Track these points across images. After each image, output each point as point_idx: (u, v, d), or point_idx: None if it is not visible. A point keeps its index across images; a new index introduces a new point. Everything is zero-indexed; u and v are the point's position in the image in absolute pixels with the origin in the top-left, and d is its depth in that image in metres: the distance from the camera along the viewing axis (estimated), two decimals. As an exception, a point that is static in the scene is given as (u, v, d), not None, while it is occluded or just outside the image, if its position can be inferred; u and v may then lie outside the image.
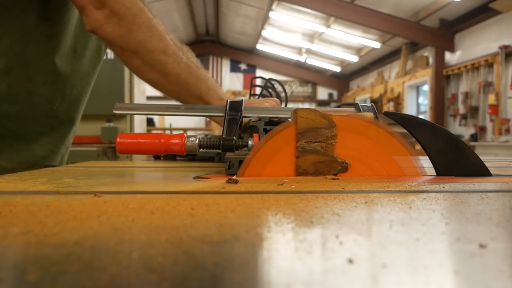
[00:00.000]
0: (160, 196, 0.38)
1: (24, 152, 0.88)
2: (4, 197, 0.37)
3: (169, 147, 0.63)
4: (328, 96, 12.63)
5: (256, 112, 0.72)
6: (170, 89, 0.83)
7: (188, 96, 0.83)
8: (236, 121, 0.68)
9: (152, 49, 0.78)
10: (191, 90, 0.82)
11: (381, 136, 0.56)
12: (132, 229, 0.25)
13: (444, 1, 6.57)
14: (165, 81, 0.81)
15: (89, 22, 0.76)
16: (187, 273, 0.17)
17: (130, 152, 0.64)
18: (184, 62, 0.82)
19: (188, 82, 0.82)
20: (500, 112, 6.05)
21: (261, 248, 0.22)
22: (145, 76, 0.82)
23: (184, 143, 0.63)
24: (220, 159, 0.92)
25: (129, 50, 0.78)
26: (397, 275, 0.18)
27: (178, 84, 0.82)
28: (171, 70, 0.80)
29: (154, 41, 0.78)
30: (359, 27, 8.15)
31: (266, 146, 0.56)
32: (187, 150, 0.64)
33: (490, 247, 0.21)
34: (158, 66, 0.80)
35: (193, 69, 0.83)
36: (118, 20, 0.76)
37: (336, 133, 0.57)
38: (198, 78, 0.83)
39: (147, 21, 0.78)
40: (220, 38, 11.61)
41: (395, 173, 0.56)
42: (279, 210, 0.31)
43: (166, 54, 0.79)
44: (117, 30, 0.76)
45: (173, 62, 0.80)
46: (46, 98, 0.88)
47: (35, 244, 0.22)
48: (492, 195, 0.39)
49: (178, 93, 0.84)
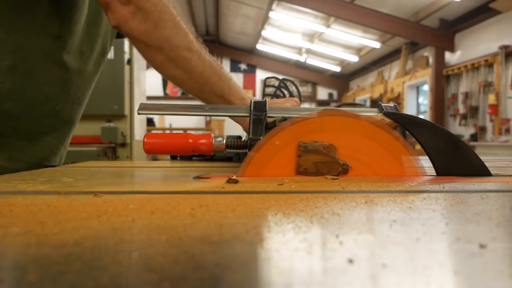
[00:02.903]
0: (160, 196, 0.38)
1: (25, 152, 0.88)
2: (4, 197, 0.37)
3: (197, 147, 0.64)
4: (328, 96, 12.63)
5: (280, 112, 0.72)
6: (192, 86, 0.83)
7: (211, 94, 0.83)
8: (261, 121, 0.68)
9: (177, 45, 0.78)
10: (214, 89, 0.82)
11: (381, 136, 0.56)
12: (132, 229, 0.25)
13: (444, 1, 6.57)
14: (188, 78, 0.81)
15: (115, 18, 0.76)
16: (187, 273, 0.17)
17: (157, 152, 0.64)
18: (207, 60, 0.82)
19: (211, 80, 0.82)
20: (500, 112, 6.05)
21: (261, 248, 0.22)
22: (169, 73, 0.82)
23: (212, 143, 0.64)
24: (239, 159, 0.92)
25: (153, 46, 0.78)
26: (397, 275, 0.18)
27: (201, 82, 0.82)
28: (195, 68, 0.80)
29: (179, 37, 0.78)
30: (359, 27, 8.15)
31: (266, 146, 0.56)
32: (214, 150, 0.64)
33: (490, 247, 0.21)
34: (182, 63, 0.80)
35: (216, 67, 0.83)
36: (144, 16, 0.76)
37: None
38: (221, 76, 0.83)
39: (172, 17, 0.78)
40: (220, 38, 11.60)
41: (395, 173, 0.56)
42: (279, 210, 0.31)
43: (191, 51, 0.79)
44: (142, 25, 0.76)
45: (197, 59, 0.80)
46: (49, 98, 0.87)
47: (35, 244, 0.22)
48: (492, 195, 0.39)
49: (200, 91, 0.84)
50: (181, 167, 0.84)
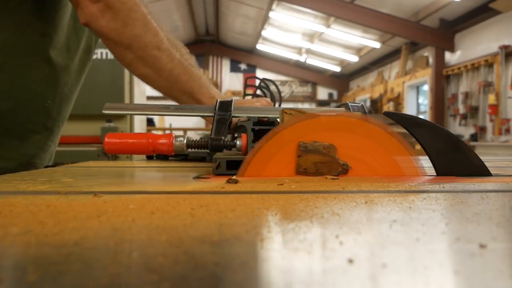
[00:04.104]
0: (160, 196, 0.38)
1: (15, 150, 0.88)
2: (4, 197, 0.37)
3: (157, 147, 0.63)
4: (328, 96, 12.63)
5: (245, 112, 0.72)
6: (162, 85, 0.83)
7: (180, 92, 0.83)
8: (225, 121, 0.67)
9: (146, 44, 0.78)
10: (183, 87, 0.82)
11: (381, 136, 0.56)
12: (132, 229, 0.25)
13: (444, 1, 6.57)
14: (157, 76, 0.81)
15: (84, 15, 0.76)
16: (187, 273, 0.17)
17: (118, 152, 0.64)
18: (177, 58, 0.82)
19: (181, 79, 0.82)
20: (500, 112, 6.05)
21: (261, 248, 0.22)
22: (138, 71, 0.82)
23: (172, 143, 0.63)
24: (211, 159, 0.92)
25: (123, 45, 0.78)
26: (397, 275, 0.18)
27: (170, 80, 0.82)
28: (164, 66, 0.80)
29: (149, 36, 0.78)
30: (359, 27, 8.15)
31: (266, 146, 0.56)
32: (175, 150, 0.64)
33: (490, 247, 0.21)
34: (151, 61, 0.79)
35: (186, 66, 0.83)
36: (113, 14, 0.76)
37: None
38: (191, 75, 0.83)
39: (142, 16, 0.78)
40: (220, 38, 11.60)
41: (395, 173, 0.56)
42: (279, 210, 0.31)
43: (160, 49, 0.79)
44: (111, 23, 0.76)
45: (166, 58, 0.80)
46: (38, 95, 0.88)
47: (35, 244, 0.22)
48: (492, 195, 0.39)
49: (169, 89, 0.84)
50: (178, 167, 0.84)
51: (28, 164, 0.91)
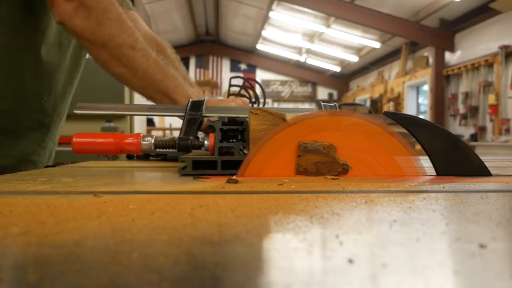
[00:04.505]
0: (160, 196, 0.38)
1: (13, 148, 0.89)
2: (4, 197, 0.37)
3: (124, 147, 0.63)
4: (328, 96, 12.63)
5: (216, 111, 0.72)
6: (137, 84, 0.83)
7: (155, 92, 0.83)
8: (195, 121, 0.67)
9: (121, 43, 0.78)
10: (158, 87, 0.82)
11: (381, 136, 0.56)
12: (132, 229, 0.25)
13: (444, 1, 6.57)
14: (132, 76, 0.82)
15: (58, 14, 0.76)
16: (187, 273, 0.17)
17: (86, 152, 0.64)
18: (153, 58, 0.82)
19: (156, 78, 0.82)
20: (500, 112, 6.05)
21: (261, 248, 0.22)
22: (113, 71, 0.82)
23: (140, 143, 0.63)
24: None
25: (97, 44, 0.78)
26: (397, 275, 0.18)
27: (145, 80, 0.82)
28: (139, 65, 0.80)
29: (123, 35, 0.79)
30: (359, 27, 8.15)
31: (266, 146, 0.56)
32: (143, 150, 0.64)
33: (490, 247, 0.21)
34: (126, 61, 0.80)
35: (162, 65, 0.83)
36: (87, 13, 0.76)
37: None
38: (166, 74, 0.83)
39: (116, 15, 0.79)
40: (220, 38, 11.61)
41: (395, 173, 0.56)
42: (279, 210, 0.31)
43: (135, 49, 0.80)
44: (85, 23, 0.76)
45: (141, 57, 0.80)
46: (34, 92, 0.88)
47: (35, 244, 0.22)
48: (492, 195, 0.39)
49: (145, 89, 0.84)
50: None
51: (27, 161, 0.91)
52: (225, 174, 0.59)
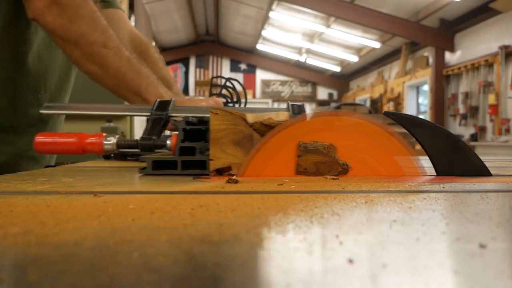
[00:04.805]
0: (160, 196, 0.38)
1: (14, 145, 0.89)
2: (4, 197, 0.37)
3: (85, 147, 0.63)
4: (328, 96, 12.63)
5: (184, 111, 0.72)
6: (108, 82, 0.84)
7: (126, 91, 0.84)
8: (160, 121, 0.67)
9: (93, 41, 0.79)
10: (130, 85, 0.83)
11: (381, 136, 0.56)
12: (132, 229, 0.25)
13: (444, 1, 6.57)
14: (104, 74, 0.82)
15: (31, 10, 0.77)
16: (187, 273, 0.17)
17: (50, 151, 0.64)
18: (125, 56, 0.82)
19: (127, 77, 0.82)
20: (500, 112, 6.05)
21: (261, 248, 0.22)
22: (84, 68, 0.82)
23: (102, 143, 0.63)
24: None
25: (69, 41, 0.79)
26: (397, 275, 0.18)
27: (117, 78, 0.82)
28: (111, 64, 0.81)
29: (96, 34, 0.79)
30: (359, 27, 8.15)
31: (266, 146, 0.56)
32: (105, 150, 0.64)
33: (490, 247, 0.21)
34: (98, 59, 0.80)
35: (135, 64, 0.83)
36: (59, 10, 0.77)
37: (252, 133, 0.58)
38: (139, 74, 0.83)
39: (89, 13, 0.79)
40: (220, 38, 11.61)
41: (395, 173, 0.56)
42: (279, 210, 0.31)
43: (107, 47, 0.80)
44: (58, 20, 0.77)
45: (113, 56, 0.81)
46: (31, 88, 0.89)
47: (35, 244, 0.22)
48: (492, 195, 0.39)
49: (116, 87, 0.84)
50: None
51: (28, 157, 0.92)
52: (186, 174, 0.59)
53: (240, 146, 0.58)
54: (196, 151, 0.61)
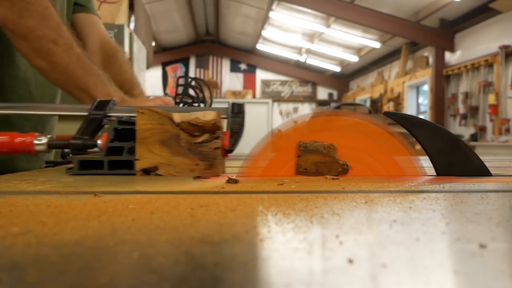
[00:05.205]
0: (160, 196, 0.38)
1: None
2: (4, 197, 0.37)
3: (16, 147, 0.63)
4: (328, 96, 12.63)
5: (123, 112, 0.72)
6: (56, 78, 0.84)
7: (74, 87, 0.84)
8: (97, 121, 0.67)
9: (42, 37, 0.80)
10: (78, 82, 0.83)
11: (381, 136, 0.56)
12: (132, 229, 0.25)
13: (444, 1, 6.57)
14: (52, 70, 0.83)
15: None
16: (187, 273, 0.17)
17: None
18: (75, 54, 0.83)
19: (76, 74, 0.83)
20: (500, 112, 6.05)
21: (261, 248, 0.22)
22: (33, 63, 0.83)
23: (32, 143, 0.63)
24: None
25: (18, 35, 0.80)
26: (397, 275, 0.18)
27: (65, 75, 0.83)
28: (60, 60, 0.81)
29: (45, 30, 0.80)
30: (359, 27, 8.15)
31: (266, 146, 0.56)
32: (37, 150, 0.64)
33: (490, 247, 0.21)
34: (46, 54, 0.81)
35: (85, 62, 0.84)
36: (10, 4, 0.78)
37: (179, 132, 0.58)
38: (87, 71, 0.84)
39: (41, 9, 0.80)
40: (220, 38, 11.60)
41: (395, 173, 0.56)
42: (279, 210, 0.31)
43: (57, 43, 0.81)
44: (8, 13, 0.78)
45: (62, 52, 0.81)
46: (23, 81, 0.91)
47: (35, 244, 0.22)
48: (492, 195, 0.39)
49: (64, 83, 0.85)
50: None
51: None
52: (113, 174, 0.59)
53: (167, 146, 0.59)
54: (124, 151, 0.61)
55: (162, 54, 11.19)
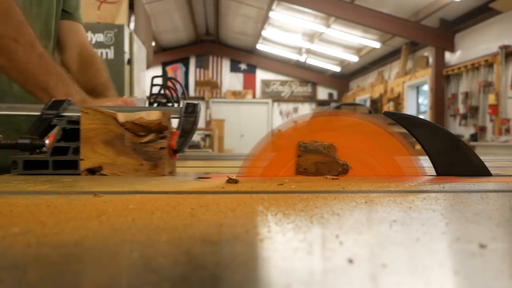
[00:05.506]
0: (160, 196, 0.38)
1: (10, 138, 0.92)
2: (4, 197, 0.37)
3: None
4: (328, 96, 12.63)
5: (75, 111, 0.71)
6: (16, 76, 0.85)
7: (34, 86, 0.85)
8: (48, 120, 0.67)
9: (2, 35, 0.81)
10: (38, 81, 0.84)
11: (381, 136, 0.56)
12: (132, 229, 0.25)
13: (444, 1, 6.57)
14: (11, 67, 0.83)
15: None
16: (187, 273, 0.17)
17: None
18: (37, 53, 0.84)
19: (36, 73, 0.83)
20: (500, 112, 6.05)
21: (261, 248, 0.22)
22: None
23: None
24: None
25: None
26: (397, 275, 0.18)
27: (26, 73, 0.84)
28: (20, 59, 0.82)
29: (7, 28, 0.81)
30: (359, 27, 8.15)
31: (266, 146, 0.56)
32: None
33: (490, 247, 0.21)
34: (6, 52, 0.82)
35: (47, 62, 0.85)
36: None
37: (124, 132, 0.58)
38: (49, 71, 0.84)
39: (3, 8, 0.81)
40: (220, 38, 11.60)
41: (395, 173, 0.56)
42: (279, 210, 0.31)
43: (18, 42, 0.81)
44: None
45: (23, 51, 0.82)
46: (3, 76, 0.93)
47: (35, 244, 0.22)
48: (492, 195, 0.39)
49: (24, 82, 0.85)
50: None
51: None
52: (58, 174, 0.59)
53: (111, 145, 0.59)
54: (69, 150, 0.61)
55: (162, 54, 11.19)
